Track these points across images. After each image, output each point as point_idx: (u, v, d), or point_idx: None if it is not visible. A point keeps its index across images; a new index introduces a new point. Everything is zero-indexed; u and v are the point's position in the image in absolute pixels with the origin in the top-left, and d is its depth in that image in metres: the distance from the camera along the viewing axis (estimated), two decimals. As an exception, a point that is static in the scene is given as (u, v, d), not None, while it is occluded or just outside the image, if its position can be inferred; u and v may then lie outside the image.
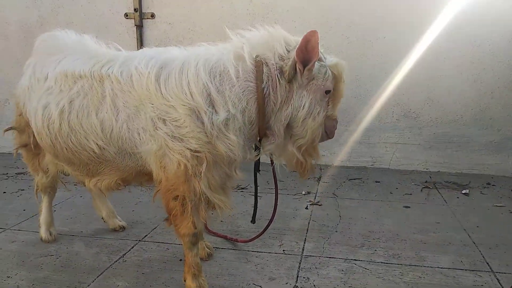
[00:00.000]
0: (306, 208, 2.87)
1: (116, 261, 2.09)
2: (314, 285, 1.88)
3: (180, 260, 2.11)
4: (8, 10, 4.14)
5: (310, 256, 2.17)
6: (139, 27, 3.96)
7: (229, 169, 1.70)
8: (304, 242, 2.33)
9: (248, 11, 3.80)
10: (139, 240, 2.32)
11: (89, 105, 1.71)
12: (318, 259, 2.14)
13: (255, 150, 1.77)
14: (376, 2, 3.66)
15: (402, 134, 3.89)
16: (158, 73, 1.62)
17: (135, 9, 3.91)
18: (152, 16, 3.94)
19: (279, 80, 1.60)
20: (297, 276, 1.96)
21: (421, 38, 3.65)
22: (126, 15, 3.96)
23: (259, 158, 1.86)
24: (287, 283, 1.90)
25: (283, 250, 2.23)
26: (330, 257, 2.15)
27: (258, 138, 1.71)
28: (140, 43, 3.99)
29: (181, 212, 1.67)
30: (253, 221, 2.16)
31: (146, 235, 2.40)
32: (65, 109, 1.75)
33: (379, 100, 3.83)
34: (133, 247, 2.25)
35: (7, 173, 3.66)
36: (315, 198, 3.07)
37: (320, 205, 2.93)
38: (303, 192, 3.20)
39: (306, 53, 1.55)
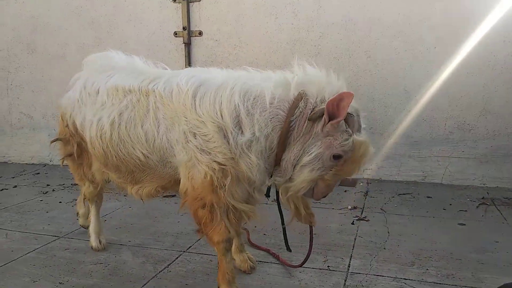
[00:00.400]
0: (353, 223, 2.78)
1: (161, 271, 2.13)
2: (360, 304, 1.80)
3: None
4: (67, 32, 4.45)
5: (357, 273, 2.08)
6: (187, 44, 4.10)
7: (249, 187, 1.72)
8: (350, 259, 2.25)
9: (293, 25, 3.81)
10: (184, 251, 2.35)
11: (135, 117, 1.83)
12: (365, 276, 2.05)
13: (270, 178, 1.75)
14: (427, 12, 3.54)
15: (455, 148, 3.69)
16: (195, 91, 1.70)
17: (183, 28, 4.06)
18: (200, 33, 4.07)
19: (306, 118, 1.60)
20: (342, 294, 1.89)
21: (475, 47, 3.48)
22: (175, 33, 4.12)
23: (270, 186, 1.84)
24: (331, 300, 1.83)
25: (328, 266, 2.16)
26: (377, 275, 2.05)
27: (275, 166, 1.72)
28: (188, 60, 4.12)
29: (210, 219, 1.71)
30: (288, 249, 2.20)
31: (190, 246, 2.42)
32: (115, 121, 1.87)
33: (430, 112, 3.67)
34: (177, 257, 2.28)
35: (63, 184, 3.88)
36: (361, 213, 2.97)
37: (367, 220, 2.83)
38: (349, 207, 3.10)
39: (336, 109, 1.53)
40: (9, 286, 2.00)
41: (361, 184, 3.71)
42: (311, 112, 1.59)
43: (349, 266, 2.16)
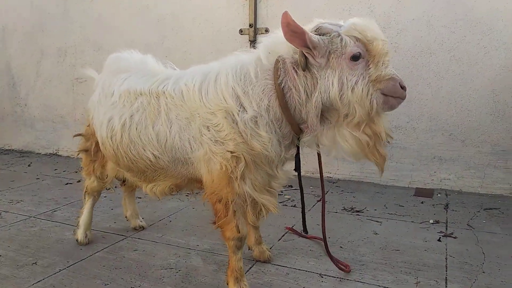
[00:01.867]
0: (439, 240, 2.49)
1: (235, 281, 1.97)
2: None
3: (303, 288, 1.92)
4: (133, 30, 4.47)
5: (457, 300, 1.82)
6: (253, 42, 3.96)
7: (270, 168, 1.74)
8: (446, 282, 1.97)
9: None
10: (256, 261, 2.19)
11: (146, 119, 1.87)
12: (468, 305, 1.78)
13: (293, 148, 1.79)
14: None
15: (551, 159, 3.27)
16: (200, 86, 1.76)
17: (250, 25, 3.93)
18: (266, 31, 3.91)
19: (296, 71, 1.61)
20: (446, 325, 1.64)
21: None
22: (240, 31, 4.00)
23: (299, 157, 1.86)
24: (435, 332, 1.59)
25: (422, 289, 1.91)
26: (483, 305, 1.78)
27: (297, 136, 1.73)
28: (252, 58, 3.98)
29: (225, 214, 1.74)
30: (304, 231, 2.19)
31: (263, 256, 2.25)
32: (126, 123, 1.93)
33: (521, 119, 3.28)
34: (251, 267, 2.12)
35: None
36: (446, 229, 2.67)
37: (454, 237, 2.53)
38: (431, 221, 2.80)
39: (297, 35, 1.52)
40: None
41: (438, 195, 3.38)
42: (296, 64, 1.60)
43: (446, 291, 1.89)
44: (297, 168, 1.92)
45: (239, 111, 1.66)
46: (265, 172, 1.74)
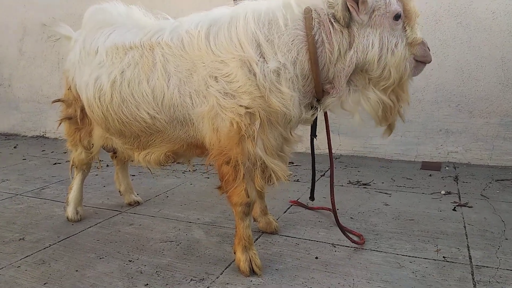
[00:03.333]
0: (454, 209, 2.35)
1: (242, 253, 1.81)
2: (506, 305, 1.40)
3: (316, 258, 1.77)
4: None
5: (484, 267, 1.68)
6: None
7: (285, 130, 1.57)
8: (468, 249, 1.84)
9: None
10: (263, 232, 2.03)
11: (140, 73, 1.65)
12: (496, 271, 1.65)
13: (311, 109, 1.62)
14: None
15: (562, 129, 3.16)
16: (208, 31, 1.56)
17: None
18: None
19: (332, 25, 1.48)
20: (477, 291, 1.50)
21: None
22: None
23: (316, 122, 1.73)
24: (466, 299, 1.45)
25: (444, 257, 1.77)
26: (512, 270, 1.65)
27: (316, 96, 1.59)
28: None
29: (234, 177, 1.56)
30: (311, 197, 2.05)
31: (270, 227, 2.10)
32: (116, 80, 1.71)
33: (530, 87, 3.15)
34: (257, 238, 1.96)
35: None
36: (460, 199, 2.54)
37: (470, 207, 2.40)
38: (443, 192, 2.67)
39: None
40: (74, 262, 1.75)
41: (446, 168, 3.25)
42: (339, 19, 1.46)
43: (470, 258, 1.76)
44: (313, 132, 1.81)
45: (258, 61, 1.47)
46: (279, 134, 1.57)
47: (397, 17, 1.48)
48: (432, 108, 3.41)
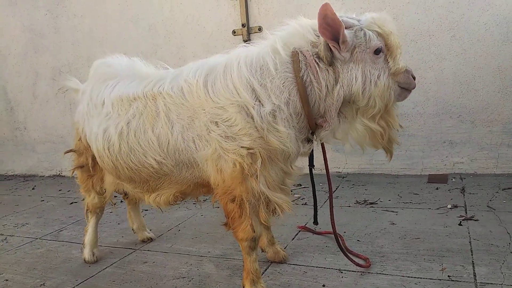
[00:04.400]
0: (460, 224, 2.38)
1: (251, 285, 1.87)
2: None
3: (323, 286, 1.82)
4: (127, 43, 4.41)
5: (488, 283, 1.71)
6: (247, 42, 3.89)
7: (285, 164, 1.66)
8: (473, 266, 1.87)
9: (362, 10, 3.48)
10: (272, 262, 2.09)
11: (145, 123, 1.76)
12: (500, 287, 1.67)
13: (307, 143, 1.72)
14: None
15: None
16: (205, 80, 1.66)
17: (242, 25, 3.86)
18: (260, 29, 3.85)
19: (317, 65, 1.57)
20: (480, 311, 1.53)
21: None
22: (233, 32, 3.93)
23: (313, 153, 1.83)
24: (469, 320, 1.48)
25: (448, 276, 1.80)
26: (516, 286, 1.67)
27: (310, 130, 1.68)
28: (248, 58, 3.90)
29: (239, 214, 1.64)
30: (315, 222, 2.11)
31: (278, 256, 2.15)
32: (123, 131, 1.82)
33: (530, 93, 3.18)
34: (266, 269, 2.02)
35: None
36: (466, 213, 2.56)
37: (476, 220, 2.42)
38: (449, 206, 2.70)
39: (331, 28, 1.49)
40: (91, 305, 1.84)
41: (453, 180, 3.27)
42: (322, 58, 1.55)
43: (475, 275, 1.79)
44: (311, 163, 1.89)
45: (254, 105, 1.56)
46: (280, 169, 1.65)
47: (377, 51, 1.56)
48: (434, 120, 3.45)
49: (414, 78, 1.66)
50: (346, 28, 1.52)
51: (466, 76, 3.31)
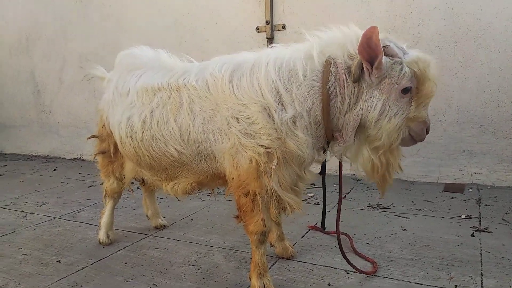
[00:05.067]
0: (472, 235, 2.36)
1: (257, 278, 1.91)
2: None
3: (329, 284, 1.84)
4: (153, 34, 4.50)
5: (495, 296, 1.70)
6: (270, 39, 3.92)
7: (299, 169, 1.68)
8: (481, 278, 1.86)
9: (388, 13, 3.46)
10: (279, 257, 2.12)
11: (168, 113, 1.81)
12: (507, 301, 1.66)
13: (323, 152, 1.75)
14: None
15: None
16: (231, 76, 1.67)
17: (266, 22, 3.89)
18: (283, 27, 3.86)
19: (346, 80, 1.55)
20: (484, 321, 1.53)
21: None
22: (257, 28, 3.96)
23: (325, 162, 1.86)
24: (472, 329, 1.48)
25: (455, 286, 1.80)
26: (524, 300, 1.66)
27: (326, 140, 1.68)
28: (271, 56, 3.93)
29: (251, 208, 1.67)
30: (322, 226, 2.15)
31: (286, 253, 2.19)
32: (146, 120, 1.87)
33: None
34: (274, 264, 2.06)
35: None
36: (480, 224, 2.53)
37: (489, 232, 2.39)
38: (463, 216, 2.67)
39: (370, 51, 1.45)
40: (104, 285, 1.91)
41: (470, 190, 3.23)
42: (349, 72, 1.53)
43: (482, 287, 1.78)
44: (322, 171, 1.92)
45: (276, 108, 1.58)
46: (293, 172, 1.67)
47: (405, 91, 1.51)
48: (454, 129, 3.41)
49: (427, 132, 1.62)
50: (387, 55, 1.50)
51: (491, 86, 3.26)
